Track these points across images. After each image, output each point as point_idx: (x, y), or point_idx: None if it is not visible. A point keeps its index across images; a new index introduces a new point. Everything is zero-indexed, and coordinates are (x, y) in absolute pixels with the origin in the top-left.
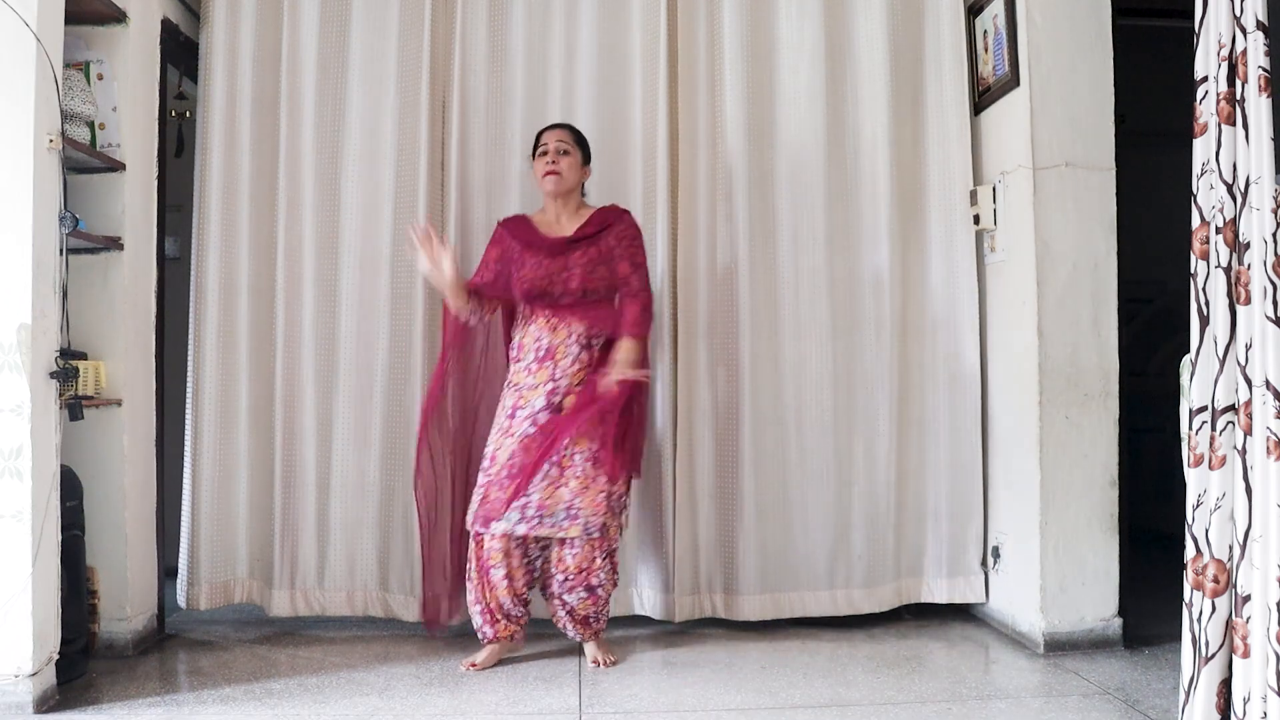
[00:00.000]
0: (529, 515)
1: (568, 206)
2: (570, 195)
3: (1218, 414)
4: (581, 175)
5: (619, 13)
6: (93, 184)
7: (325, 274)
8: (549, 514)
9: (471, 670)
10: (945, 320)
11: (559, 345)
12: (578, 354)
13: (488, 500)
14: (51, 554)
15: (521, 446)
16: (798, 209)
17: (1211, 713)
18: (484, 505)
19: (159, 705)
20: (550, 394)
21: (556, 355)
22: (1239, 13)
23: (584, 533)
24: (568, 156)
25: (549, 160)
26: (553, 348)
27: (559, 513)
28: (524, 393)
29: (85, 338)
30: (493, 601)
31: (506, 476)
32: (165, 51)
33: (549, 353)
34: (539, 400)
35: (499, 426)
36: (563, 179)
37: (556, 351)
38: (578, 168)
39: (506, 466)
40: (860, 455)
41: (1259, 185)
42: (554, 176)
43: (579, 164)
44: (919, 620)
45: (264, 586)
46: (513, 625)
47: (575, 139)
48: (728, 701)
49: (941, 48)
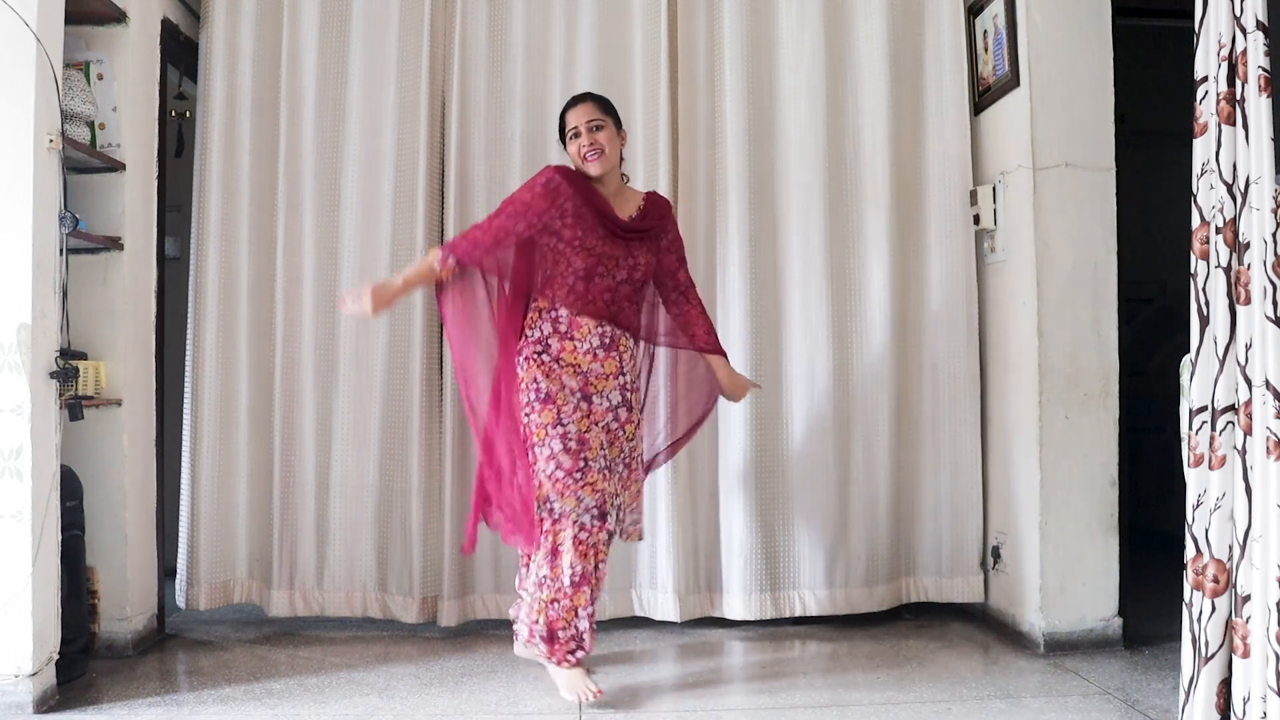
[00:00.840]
0: (621, 518)
1: (610, 184)
2: (614, 172)
3: (1218, 414)
4: (620, 144)
5: (619, 12)
6: (93, 184)
7: (325, 274)
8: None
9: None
10: (945, 320)
11: (620, 337)
12: (634, 350)
13: (597, 489)
14: (51, 554)
15: (609, 438)
16: (798, 209)
17: (1211, 713)
18: (594, 493)
19: (159, 705)
20: (623, 389)
21: (620, 347)
22: (1239, 13)
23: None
24: (603, 131)
25: (585, 142)
26: (616, 339)
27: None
28: (593, 380)
29: (85, 338)
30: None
31: (607, 467)
32: (165, 51)
33: (614, 342)
34: (614, 395)
35: (574, 405)
36: (606, 157)
37: (619, 343)
38: (615, 139)
39: (602, 456)
40: (860, 455)
41: (1259, 185)
42: (598, 156)
43: (615, 136)
44: (919, 620)
45: (263, 587)
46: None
47: (604, 109)
48: (728, 701)
49: (941, 48)
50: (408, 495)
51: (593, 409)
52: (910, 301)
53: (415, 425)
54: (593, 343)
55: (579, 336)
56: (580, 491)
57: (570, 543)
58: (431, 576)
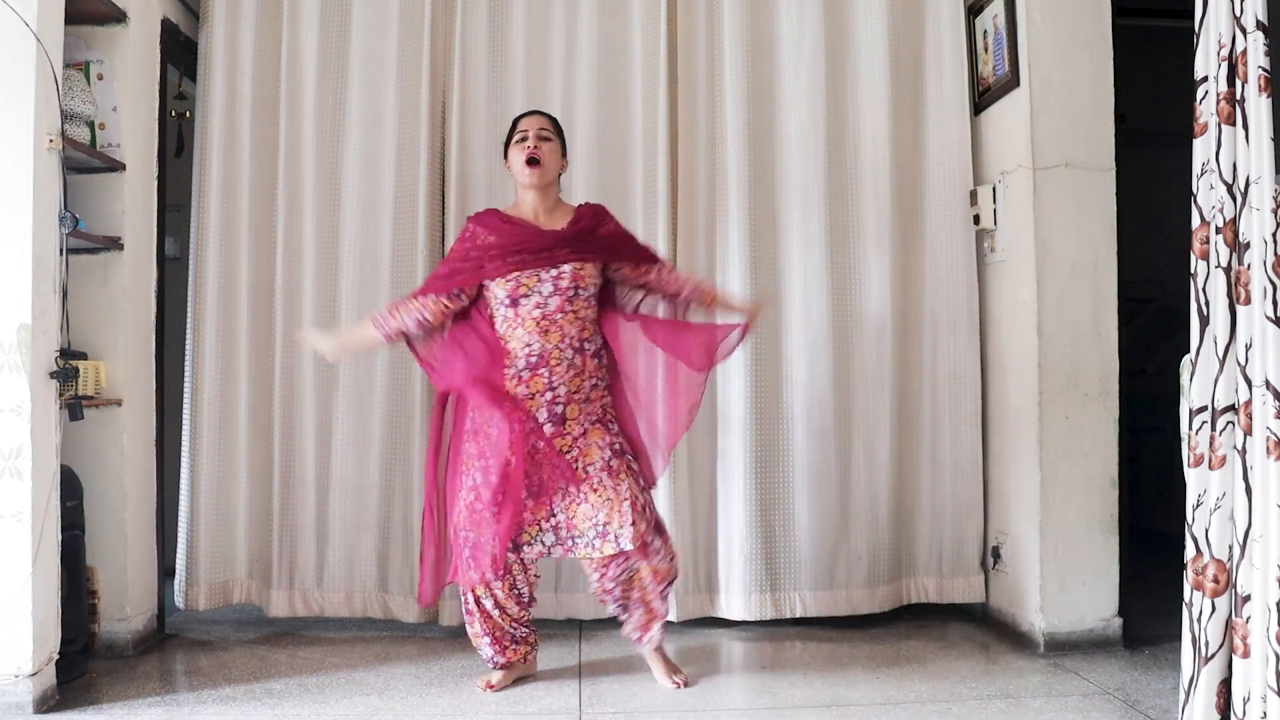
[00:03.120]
0: (561, 537)
1: (546, 201)
2: (549, 189)
3: (1218, 414)
4: (560, 167)
5: (619, 13)
6: (93, 184)
7: (325, 274)
8: (579, 534)
9: (489, 691)
10: (945, 320)
11: (551, 351)
12: (572, 358)
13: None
14: (51, 554)
15: (535, 463)
16: (798, 209)
17: (1211, 713)
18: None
19: (159, 705)
20: (551, 404)
21: (551, 361)
22: (1239, 13)
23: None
24: (549, 143)
25: (530, 146)
26: (545, 353)
27: (589, 531)
28: (519, 402)
29: (85, 338)
30: (498, 631)
31: (528, 496)
32: (165, 51)
33: (542, 359)
34: (541, 412)
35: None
36: (545, 169)
37: (550, 357)
38: (558, 157)
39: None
40: (860, 455)
41: (1259, 185)
42: (536, 167)
43: (559, 153)
44: (919, 620)
45: (263, 587)
46: (524, 647)
47: (554, 127)
48: (728, 701)
49: (941, 48)
50: (408, 495)
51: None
52: (910, 301)
53: (416, 425)
54: (518, 366)
55: (508, 362)
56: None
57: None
58: None
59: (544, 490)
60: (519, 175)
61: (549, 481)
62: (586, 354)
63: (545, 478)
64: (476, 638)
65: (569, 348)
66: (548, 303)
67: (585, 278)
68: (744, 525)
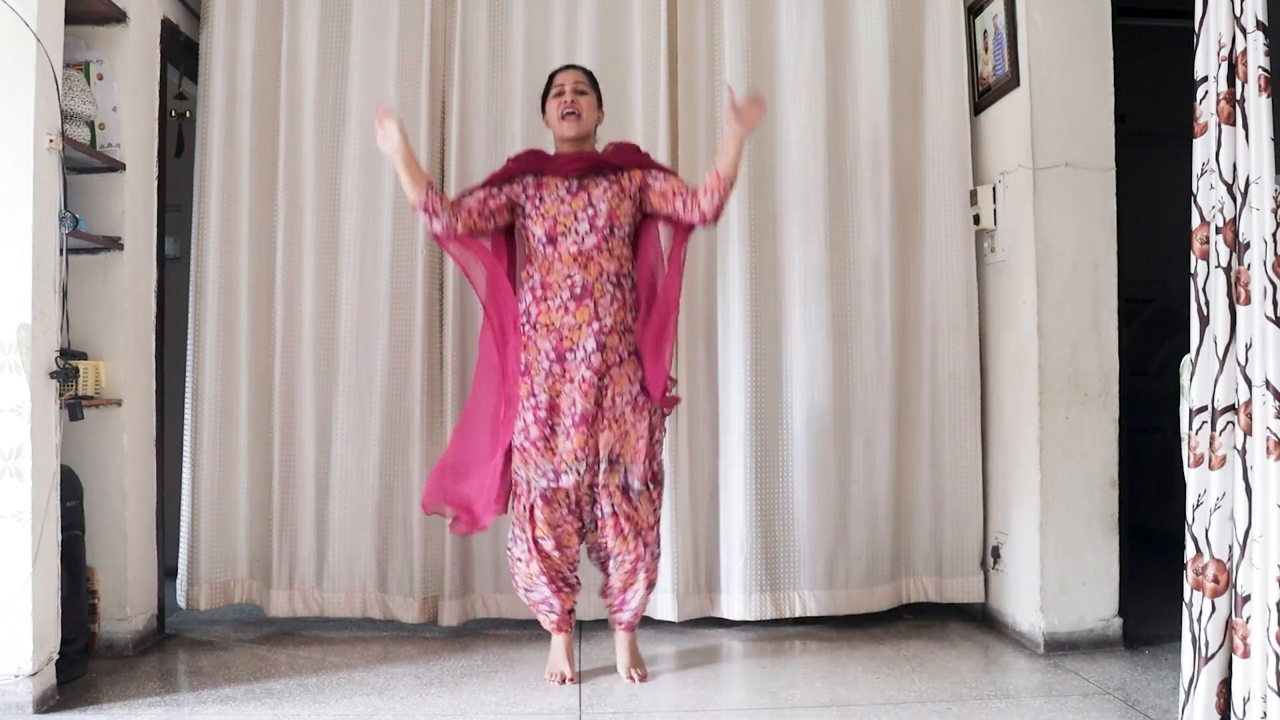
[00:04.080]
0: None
1: (583, 152)
2: (586, 141)
3: (1218, 414)
4: (597, 118)
5: (619, 13)
6: (93, 184)
7: (325, 274)
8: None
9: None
10: (945, 320)
11: (594, 282)
12: (614, 292)
13: (555, 453)
14: (51, 554)
15: (581, 392)
16: (797, 209)
17: (1211, 713)
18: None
19: (159, 705)
20: (598, 334)
21: (594, 293)
22: (1239, 13)
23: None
24: (585, 96)
25: (567, 100)
26: (588, 284)
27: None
28: (566, 333)
29: (85, 338)
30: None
31: (572, 424)
32: (165, 51)
33: (586, 290)
34: (589, 342)
35: (547, 371)
36: (581, 120)
37: (594, 289)
38: (594, 109)
39: (571, 414)
40: (860, 455)
41: (1259, 185)
42: (572, 118)
43: (595, 105)
44: (919, 620)
45: (263, 586)
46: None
47: (590, 80)
48: (728, 701)
49: (941, 48)
50: (408, 495)
51: (566, 368)
52: (910, 301)
53: (416, 424)
54: (563, 296)
55: (550, 295)
56: (541, 459)
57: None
58: (432, 576)
59: (585, 420)
60: (556, 128)
61: (588, 413)
62: (625, 288)
63: (588, 408)
64: (531, 579)
65: (608, 281)
66: (584, 240)
67: (620, 216)
68: (744, 525)
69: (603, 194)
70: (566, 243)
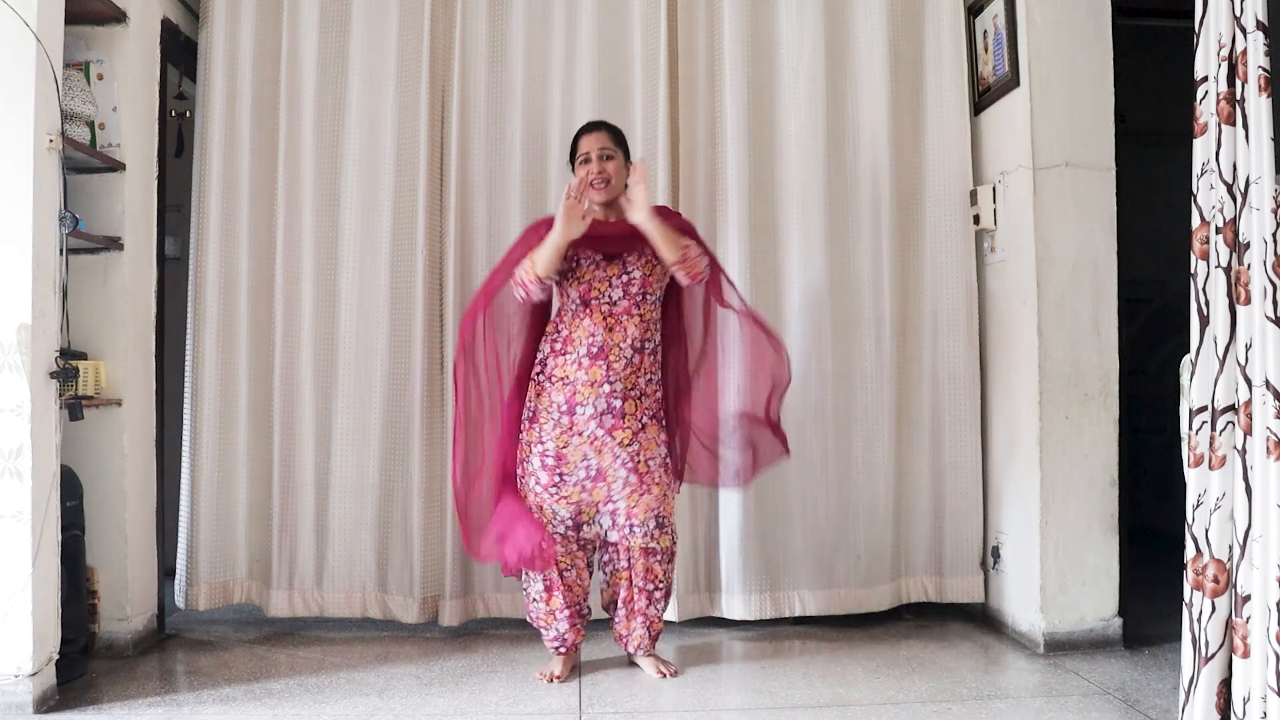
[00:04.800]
0: (619, 524)
1: (612, 213)
2: (616, 203)
3: (1218, 414)
4: (627, 175)
5: (619, 13)
6: (93, 184)
7: (324, 274)
8: (639, 523)
9: (556, 683)
10: (945, 320)
11: (613, 346)
12: (631, 357)
13: (572, 501)
14: (51, 554)
15: (594, 448)
16: (798, 209)
17: (1211, 713)
18: (568, 505)
19: (159, 705)
20: (610, 395)
21: (610, 356)
22: (1239, 13)
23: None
24: (613, 161)
25: (595, 169)
26: (607, 347)
27: (649, 521)
28: (579, 388)
29: (85, 338)
30: (575, 604)
31: (587, 478)
32: (165, 51)
33: (602, 351)
34: (600, 402)
35: (556, 421)
36: (612, 187)
37: (610, 352)
38: (622, 171)
39: (584, 467)
40: (860, 455)
41: (1259, 185)
42: (604, 186)
43: (623, 166)
44: (919, 620)
45: (263, 587)
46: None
47: (616, 140)
48: (728, 701)
49: (941, 48)
50: (408, 495)
51: (574, 422)
52: (910, 301)
53: (416, 424)
54: (580, 352)
55: (570, 350)
56: (555, 504)
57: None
58: (432, 576)
59: (601, 476)
60: (586, 194)
61: (608, 468)
62: (645, 353)
63: (605, 465)
64: (550, 615)
65: (629, 346)
66: (616, 305)
67: (653, 282)
68: (744, 525)
69: (636, 260)
70: (600, 304)
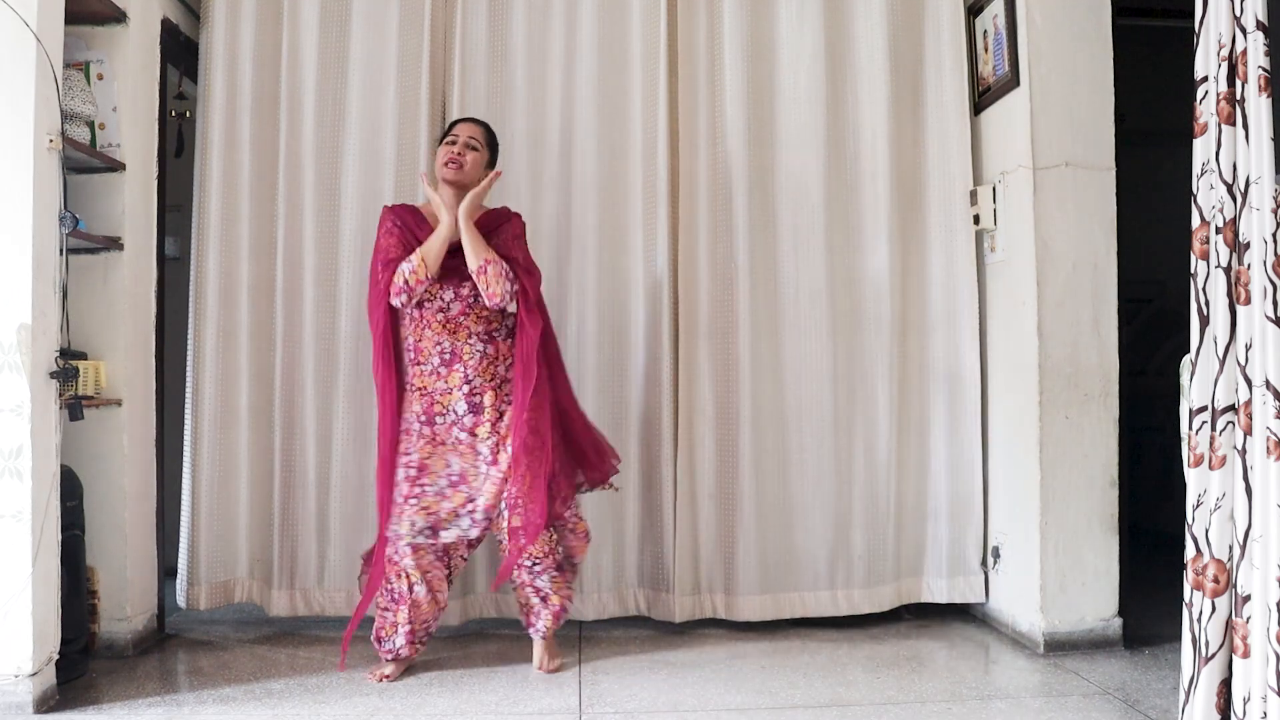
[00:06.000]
0: (478, 520)
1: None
2: (464, 191)
3: (1218, 414)
4: (482, 175)
5: (619, 13)
6: (93, 184)
7: (325, 274)
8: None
9: (385, 682)
10: (945, 320)
11: (462, 346)
12: (483, 349)
13: (431, 512)
14: (51, 554)
15: (456, 454)
16: (798, 209)
17: (1211, 713)
18: (427, 515)
19: (159, 705)
20: (469, 395)
21: (463, 357)
22: (1239, 13)
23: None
24: (475, 152)
25: (454, 151)
26: (456, 349)
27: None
28: (438, 397)
29: (85, 338)
30: (419, 622)
31: (448, 485)
32: (165, 51)
33: (455, 355)
34: (459, 405)
35: (418, 433)
36: (463, 171)
37: (462, 354)
38: (480, 166)
39: (445, 475)
40: (860, 455)
41: (1259, 185)
42: (455, 168)
43: (483, 164)
44: (919, 620)
45: (264, 586)
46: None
47: (488, 138)
48: (728, 701)
49: (941, 48)
50: None
51: (435, 431)
52: (910, 301)
53: None
54: (434, 363)
55: (423, 359)
56: (415, 515)
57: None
58: None
59: (463, 479)
60: (438, 171)
61: (468, 469)
62: (497, 340)
63: (466, 467)
64: (393, 627)
65: (479, 340)
66: (450, 306)
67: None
68: (744, 525)
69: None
70: (436, 312)
